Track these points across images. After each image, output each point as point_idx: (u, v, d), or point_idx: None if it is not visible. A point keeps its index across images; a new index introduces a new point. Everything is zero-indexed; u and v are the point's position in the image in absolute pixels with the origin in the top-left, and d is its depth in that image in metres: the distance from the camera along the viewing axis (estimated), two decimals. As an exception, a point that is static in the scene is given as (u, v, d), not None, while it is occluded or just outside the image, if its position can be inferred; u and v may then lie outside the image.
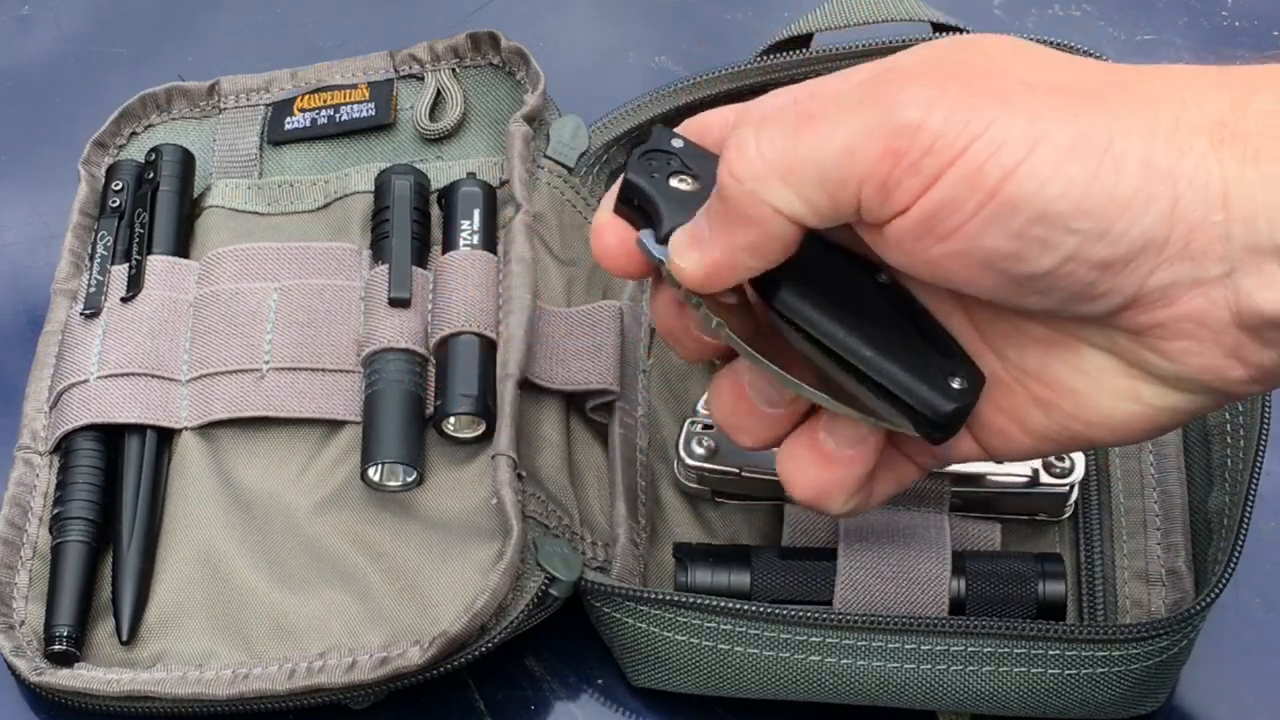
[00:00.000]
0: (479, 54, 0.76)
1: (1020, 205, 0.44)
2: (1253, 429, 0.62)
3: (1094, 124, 0.44)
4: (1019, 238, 0.45)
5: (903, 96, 0.44)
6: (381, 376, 0.66)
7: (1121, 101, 0.45)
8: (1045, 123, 0.44)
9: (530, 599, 0.61)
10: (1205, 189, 0.44)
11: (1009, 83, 0.45)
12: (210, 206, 0.73)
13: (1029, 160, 0.44)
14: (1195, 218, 0.44)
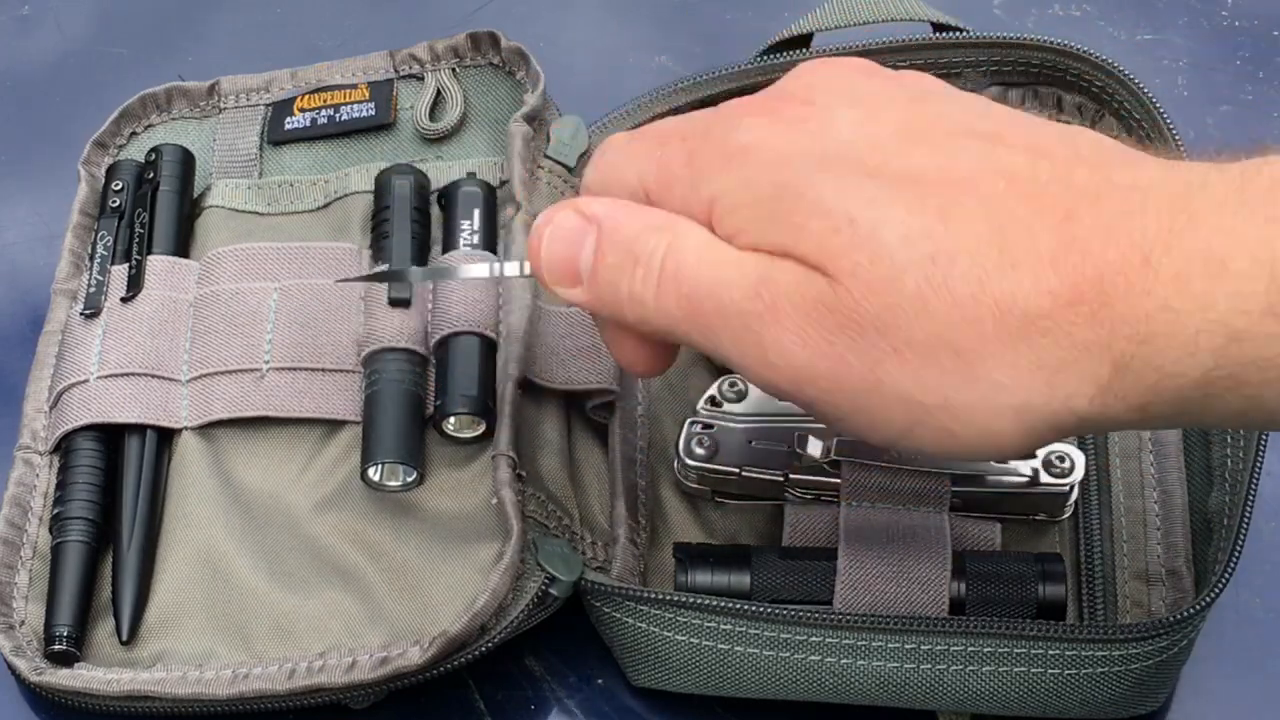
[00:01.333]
0: (479, 54, 0.76)
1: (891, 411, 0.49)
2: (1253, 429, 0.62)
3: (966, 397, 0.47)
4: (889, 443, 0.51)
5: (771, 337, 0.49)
6: (381, 376, 0.66)
7: (992, 378, 0.47)
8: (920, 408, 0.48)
9: (530, 599, 0.61)
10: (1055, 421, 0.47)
11: (883, 355, 0.47)
12: (210, 206, 0.73)
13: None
14: (1049, 435, 0.48)
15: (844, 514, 0.63)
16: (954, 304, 0.45)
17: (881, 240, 0.46)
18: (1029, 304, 0.45)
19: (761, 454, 0.65)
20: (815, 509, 0.64)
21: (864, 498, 0.63)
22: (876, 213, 0.46)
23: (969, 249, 0.45)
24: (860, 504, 0.63)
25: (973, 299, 0.45)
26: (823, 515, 0.64)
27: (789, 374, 0.48)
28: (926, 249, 0.45)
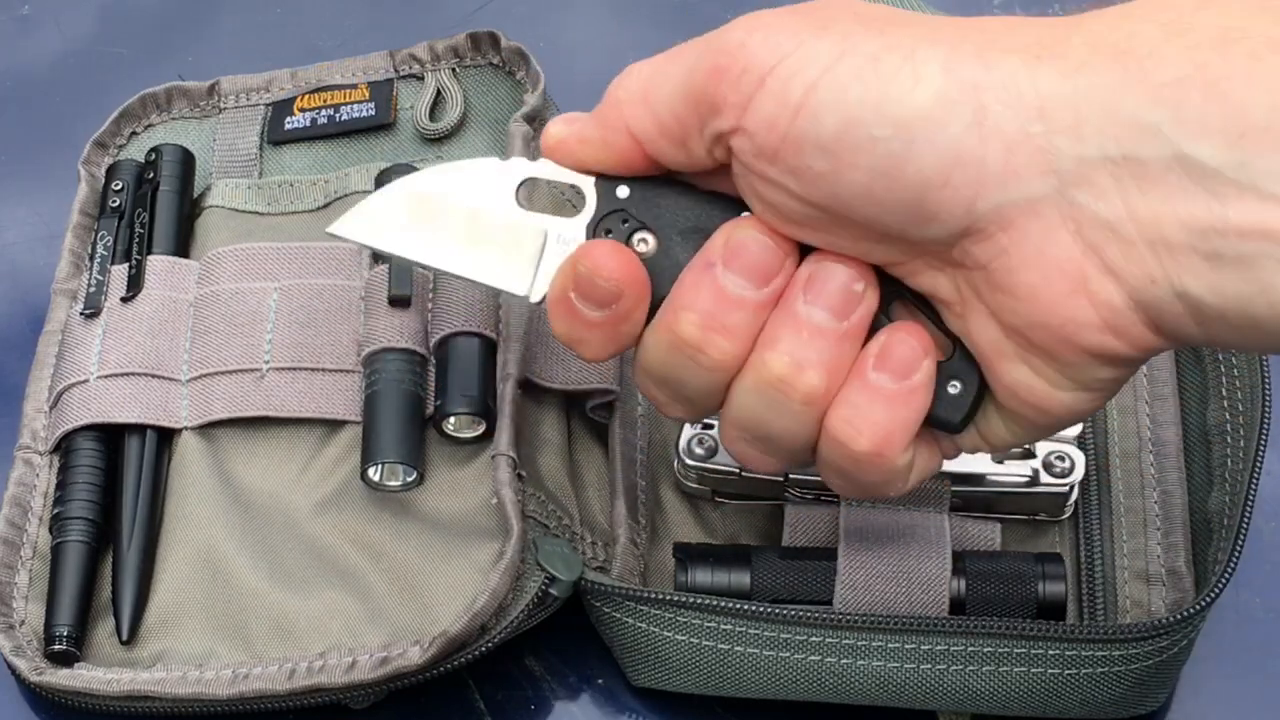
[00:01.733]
0: (479, 54, 0.76)
1: (822, 114, 0.46)
2: (1253, 429, 0.62)
3: (900, 39, 0.46)
4: (830, 150, 0.46)
5: (735, 24, 0.49)
6: (381, 376, 0.66)
7: (938, 26, 0.47)
8: (854, 40, 0.46)
9: (530, 599, 0.61)
10: (1017, 100, 0.44)
11: (838, 14, 0.48)
12: (210, 206, 0.73)
13: (830, 71, 0.46)
14: (1010, 130, 0.44)
15: (844, 514, 0.63)
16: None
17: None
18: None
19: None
20: (815, 509, 0.64)
21: (864, 498, 0.63)
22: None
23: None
24: (860, 504, 0.63)
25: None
26: (823, 515, 0.64)
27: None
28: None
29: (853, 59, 0.46)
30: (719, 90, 0.48)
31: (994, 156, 0.45)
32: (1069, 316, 0.46)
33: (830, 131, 0.46)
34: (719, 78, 0.48)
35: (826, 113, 0.46)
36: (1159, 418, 0.66)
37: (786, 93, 0.46)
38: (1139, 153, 0.43)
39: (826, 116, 0.46)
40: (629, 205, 0.53)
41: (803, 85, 0.46)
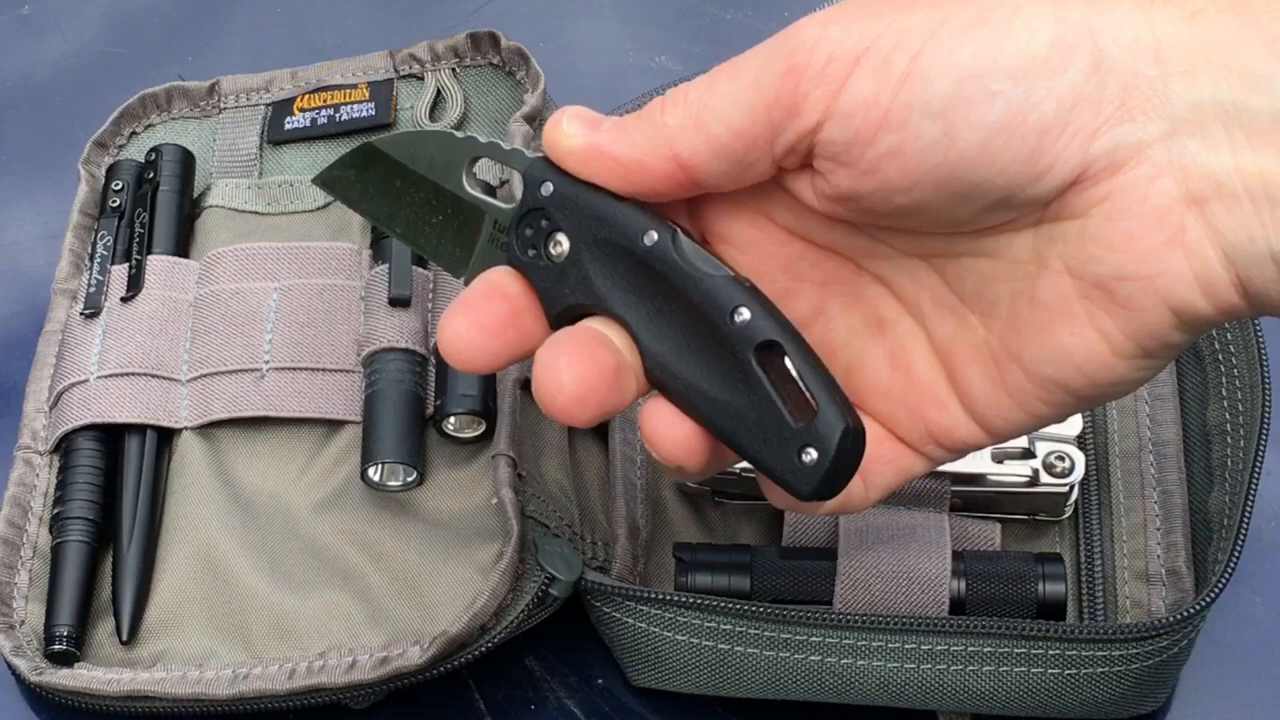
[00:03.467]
0: (479, 54, 0.76)
1: (934, 77, 0.43)
2: (1253, 429, 0.62)
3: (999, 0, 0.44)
4: (943, 114, 0.44)
5: (801, 24, 0.45)
6: (381, 376, 0.66)
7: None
8: (949, 8, 0.44)
9: (530, 599, 0.61)
10: (1134, 43, 0.43)
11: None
12: (210, 206, 0.73)
13: (934, 38, 0.43)
14: (1127, 72, 0.43)
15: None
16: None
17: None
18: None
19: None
20: (815, 509, 0.64)
21: (864, 498, 0.63)
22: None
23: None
24: (860, 504, 0.63)
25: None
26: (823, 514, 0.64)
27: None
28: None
29: (955, 23, 0.44)
30: (798, 89, 0.45)
31: (1111, 97, 0.43)
32: (1162, 268, 0.45)
33: (943, 94, 0.43)
34: (796, 77, 0.44)
35: (937, 76, 0.43)
36: (1159, 418, 0.66)
37: (889, 66, 0.43)
38: (1251, 103, 0.43)
39: (938, 80, 0.43)
40: (549, 205, 0.50)
41: (906, 55, 0.43)
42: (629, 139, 0.48)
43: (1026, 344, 0.48)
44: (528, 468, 0.64)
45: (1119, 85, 0.43)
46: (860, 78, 0.44)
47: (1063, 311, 0.47)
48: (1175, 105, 0.43)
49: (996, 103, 0.43)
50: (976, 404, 0.50)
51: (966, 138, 0.44)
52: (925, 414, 0.50)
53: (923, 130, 0.44)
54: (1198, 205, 0.44)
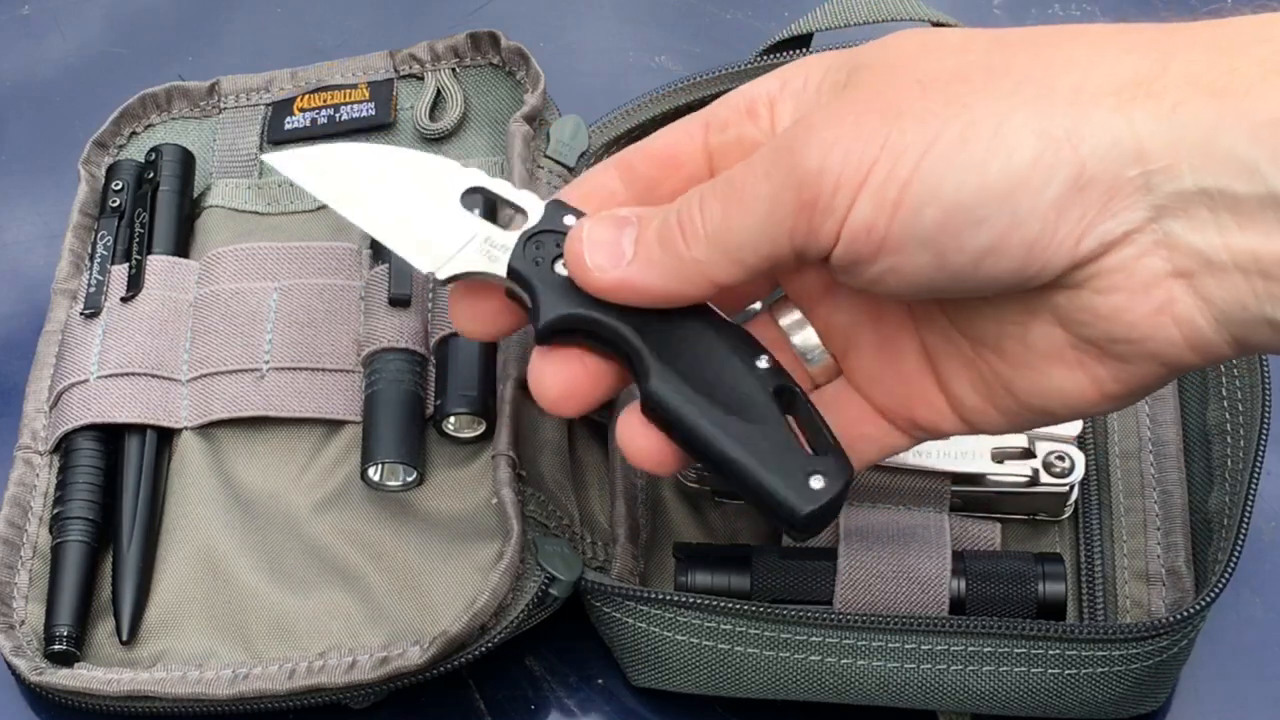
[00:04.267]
0: (479, 54, 0.76)
1: (923, 208, 0.45)
2: (1253, 429, 0.62)
3: (984, 110, 0.45)
4: (935, 240, 0.46)
5: (801, 147, 0.46)
6: (381, 376, 0.66)
7: (1018, 78, 0.45)
8: (937, 122, 0.45)
9: (530, 599, 0.61)
10: (1114, 146, 0.44)
11: (905, 89, 0.46)
12: (210, 206, 0.73)
13: (922, 164, 0.45)
14: (1108, 177, 0.44)
15: (844, 514, 0.63)
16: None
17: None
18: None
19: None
20: (815, 509, 0.64)
21: (864, 497, 0.63)
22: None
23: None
24: (860, 504, 0.63)
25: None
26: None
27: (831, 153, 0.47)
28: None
29: (942, 145, 0.45)
30: (812, 221, 0.47)
31: (1094, 202, 0.45)
32: (1152, 334, 0.46)
33: (932, 223, 0.45)
34: (809, 212, 0.47)
35: (926, 207, 0.45)
36: (1159, 418, 0.66)
37: (884, 193, 0.45)
38: (1234, 188, 0.43)
39: (926, 211, 0.45)
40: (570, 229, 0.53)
41: (898, 184, 0.45)
42: (659, 271, 0.50)
43: (1016, 377, 0.50)
44: (528, 468, 0.64)
45: (1101, 191, 0.44)
46: (861, 206, 0.46)
47: (1055, 356, 0.49)
48: (1158, 196, 0.44)
49: (982, 229, 0.45)
50: (962, 408, 0.52)
51: (957, 260, 0.46)
52: (912, 406, 0.52)
53: (916, 255, 0.46)
54: (1186, 278, 0.45)
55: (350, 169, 0.57)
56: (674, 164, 0.53)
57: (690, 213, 0.49)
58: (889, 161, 0.45)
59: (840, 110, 0.47)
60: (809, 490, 0.50)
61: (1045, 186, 0.44)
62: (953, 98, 0.45)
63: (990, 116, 0.45)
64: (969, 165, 0.45)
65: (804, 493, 0.50)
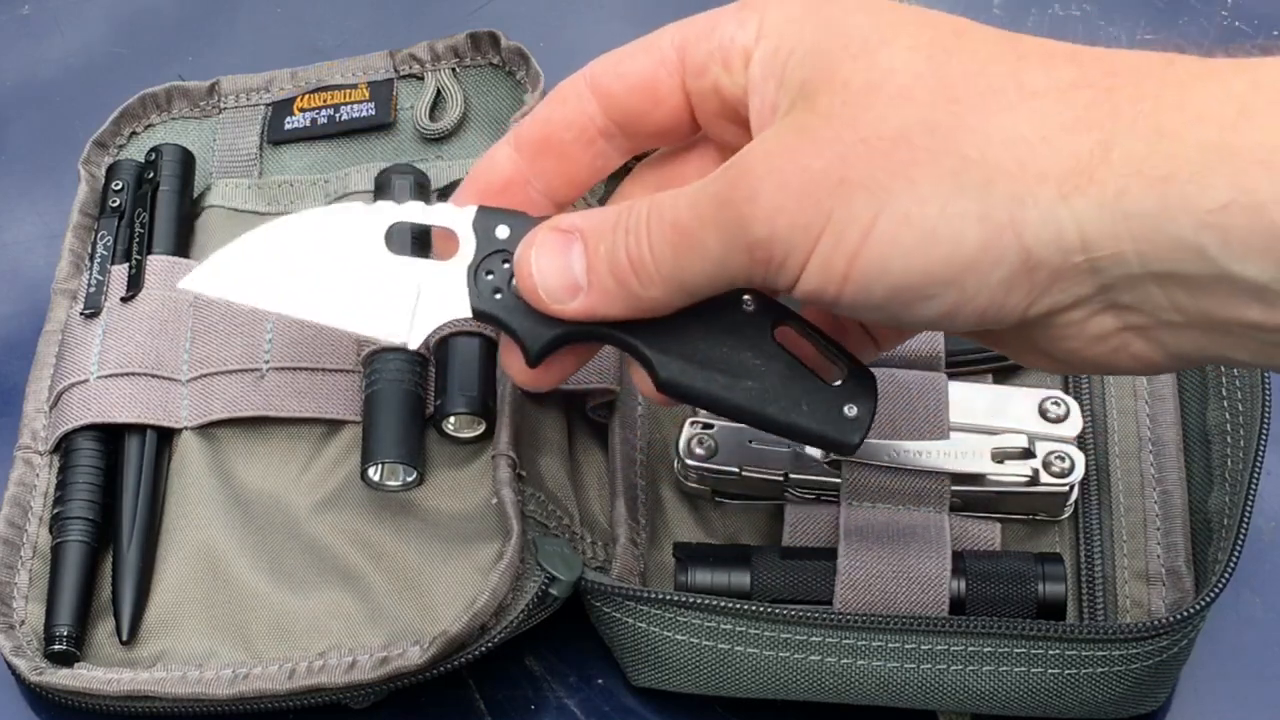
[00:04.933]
0: (479, 54, 0.76)
1: (872, 284, 0.47)
2: (1253, 429, 0.62)
3: (929, 187, 0.45)
4: (887, 307, 0.47)
5: (749, 210, 0.47)
6: (381, 376, 0.66)
7: (961, 155, 0.45)
8: (881, 194, 0.46)
9: (530, 599, 0.61)
10: (1058, 236, 0.44)
11: (850, 146, 0.46)
12: (210, 206, 0.73)
13: (868, 242, 0.46)
14: (1054, 263, 0.45)
15: (844, 514, 0.63)
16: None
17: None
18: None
19: (761, 454, 0.65)
20: (815, 509, 0.64)
21: (864, 497, 0.63)
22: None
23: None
24: (860, 504, 0.63)
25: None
26: (823, 515, 0.64)
27: (783, 205, 0.47)
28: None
29: (885, 224, 0.45)
30: (766, 275, 0.48)
31: (1041, 281, 0.45)
32: (1108, 366, 0.48)
33: (882, 297, 0.47)
34: (763, 268, 0.48)
35: (874, 283, 0.46)
36: (1159, 418, 0.66)
37: (831, 265, 0.47)
38: (1184, 270, 0.44)
39: (875, 286, 0.46)
40: (509, 245, 0.53)
41: (844, 258, 0.46)
42: (619, 303, 0.51)
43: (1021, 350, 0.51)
44: (528, 468, 0.64)
45: (1048, 273, 0.45)
46: (811, 273, 0.47)
47: (1023, 354, 0.51)
48: (1105, 277, 0.45)
49: (933, 303, 0.47)
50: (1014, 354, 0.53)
51: (911, 320, 0.48)
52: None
53: (871, 314, 0.49)
54: (1140, 333, 0.46)
55: (264, 262, 0.56)
56: (653, 97, 0.54)
57: (640, 253, 0.50)
58: (834, 235, 0.46)
59: (782, 163, 0.47)
60: (847, 421, 0.52)
61: (992, 270, 0.45)
62: (897, 167, 0.45)
63: (935, 196, 0.45)
64: (913, 248, 0.45)
65: (843, 425, 0.52)
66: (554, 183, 0.56)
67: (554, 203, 0.56)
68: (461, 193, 0.56)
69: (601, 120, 0.54)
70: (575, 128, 0.54)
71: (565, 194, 0.56)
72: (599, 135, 0.55)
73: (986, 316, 0.47)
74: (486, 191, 0.55)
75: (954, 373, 0.66)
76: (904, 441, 0.63)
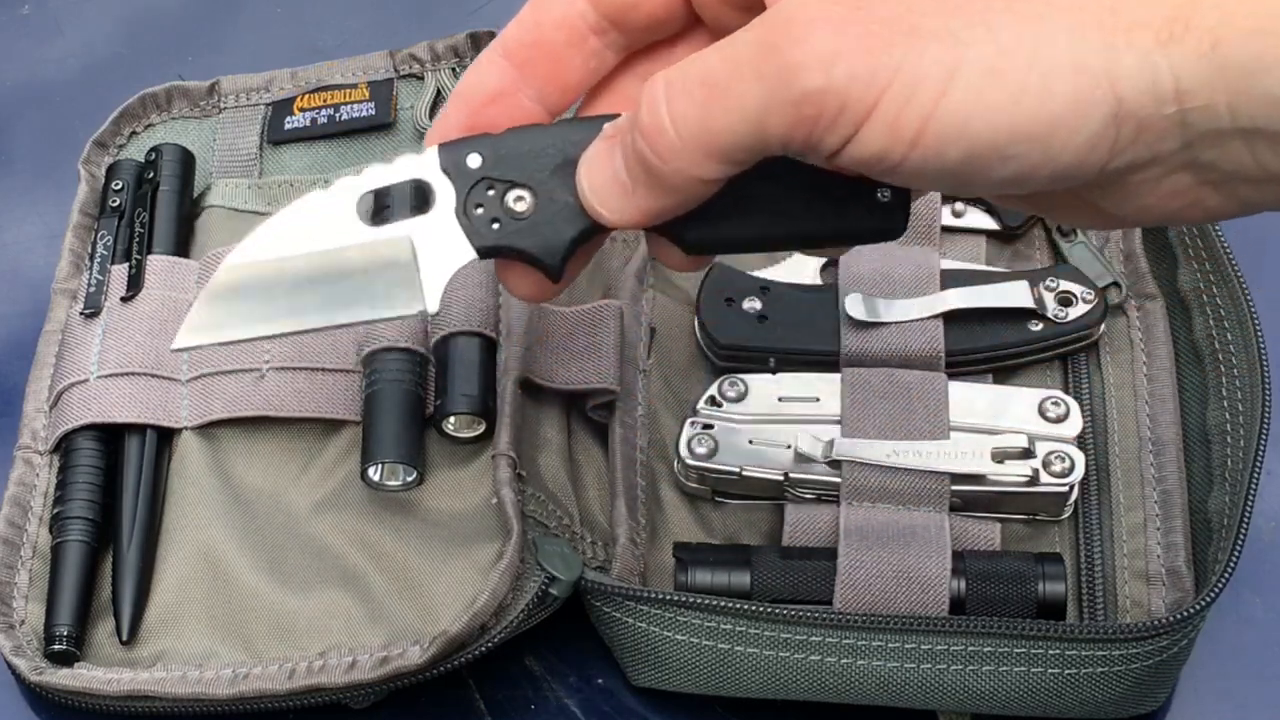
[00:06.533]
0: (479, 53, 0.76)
1: (947, 146, 0.43)
2: (1253, 429, 0.62)
3: (1013, 35, 0.42)
4: (957, 172, 0.44)
5: (800, 55, 0.43)
6: (381, 376, 0.66)
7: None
8: (959, 46, 0.42)
9: (530, 599, 0.61)
10: (1152, 86, 0.42)
11: (915, 2, 0.43)
12: (210, 206, 0.73)
13: (946, 98, 0.42)
14: (1144, 114, 0.42)
15: (844, 514, 0.63)
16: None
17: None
18: None
19: (761, 454, 0.65)
20: (815, 509, 0.64)
21: (864, 497, 0.63)
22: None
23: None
24: (860, 504, 0.63)
25: None
26: (823, 515, 0.64)
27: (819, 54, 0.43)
28: None
29: (969, 73, 0.42)
30: (812, 135, 0.44)
31: (1127, 134, 0.43)
32: (1176, 218, 0.46)
33: (957, 161, 0.43)
34: (809, 126, 0.43)
35: (949, 145, 0.42)
36: (1159, 418, 0.66)
37: (899, 125, 0.42)
38: (1273, 125, 0.42)
39: (950, 148, 0.42)
40: (488, 170, 0.50)
41: (917, 115, 0.42)
42: (655, 193, 0.47)
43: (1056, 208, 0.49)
44: (528, 468, 0.64)
45: (1135, 124, 0.43)
46: (872, 134, 0.43)
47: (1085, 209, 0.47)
48: (1192, 132, 0.43)
49: (1011, 164, 0.43)
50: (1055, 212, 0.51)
51: (976, 184, 0.44)
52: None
53: (932, 181, 0.45)
54: (1216, 187, 0.44)
55: (251, 290, 0.53)
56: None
57: (657, 120, 0.46)
58: (904, 89, 0.42)
59: (840, 8, 0.43)
60: (884, 209, 0.49)
61: (1083, 125, 0.42)
62: (974, 16, 0.42)
63: (1021, 45, 0.42)
64: (1000, 104, 0.42)
65: (881, 216, 0.49)
66: (546, 89, 0.52)
67: (548, 110, 0.53)
68: (449, 110, 0.53)
69: (593, 16, 0.51)
70: (565, 27, 0.51)
71: (559, 100, 0.53)
72: (590, 33, 0.52)
73: (1062, 176, 0.44)
74: (475, 106, 0.52)
75: (954, 373, 0.66)
76: (904, 441, 0.64)
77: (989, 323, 0.67)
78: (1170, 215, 0.46)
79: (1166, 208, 0.45)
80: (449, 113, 0.53)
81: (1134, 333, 0.68)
